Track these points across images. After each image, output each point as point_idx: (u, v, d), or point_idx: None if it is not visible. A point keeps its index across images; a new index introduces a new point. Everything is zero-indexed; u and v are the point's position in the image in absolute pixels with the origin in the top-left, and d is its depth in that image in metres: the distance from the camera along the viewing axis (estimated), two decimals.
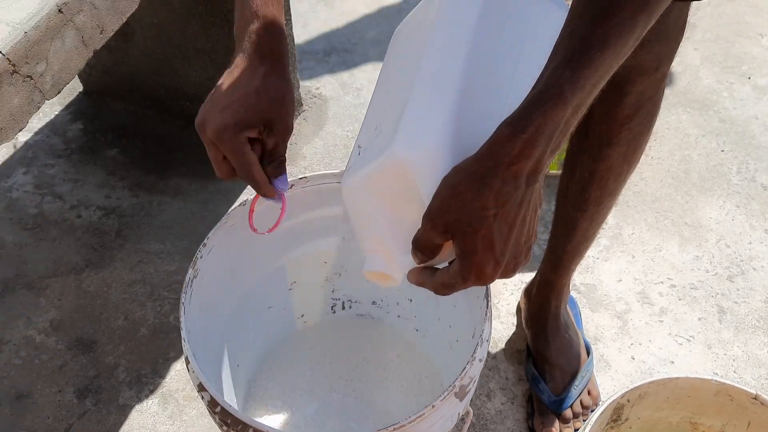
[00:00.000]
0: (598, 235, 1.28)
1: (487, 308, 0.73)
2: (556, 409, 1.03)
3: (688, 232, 1.30)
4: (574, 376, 1.05)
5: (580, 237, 1.00)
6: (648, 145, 1.41)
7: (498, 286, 1.22)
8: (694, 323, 1.17)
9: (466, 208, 0.48)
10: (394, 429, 0.65)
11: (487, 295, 0.74)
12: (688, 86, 1.54)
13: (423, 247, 0.52)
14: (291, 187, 0.85)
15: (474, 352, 0.70)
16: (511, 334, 1.16)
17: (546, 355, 1.06)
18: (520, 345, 1.14)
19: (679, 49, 0.85)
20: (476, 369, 0.71)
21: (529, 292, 1.12)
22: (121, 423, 1.06)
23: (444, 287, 0.52)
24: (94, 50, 0.69)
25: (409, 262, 0.55)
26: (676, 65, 1.53)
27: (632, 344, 1.15)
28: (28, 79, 0.63)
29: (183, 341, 0.71)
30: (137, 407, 1.07)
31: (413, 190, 0.51)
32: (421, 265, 0.55)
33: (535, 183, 0.49)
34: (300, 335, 1.08)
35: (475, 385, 0.73)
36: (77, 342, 1.14)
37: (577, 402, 1.04)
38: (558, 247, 1.03)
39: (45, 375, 1.10)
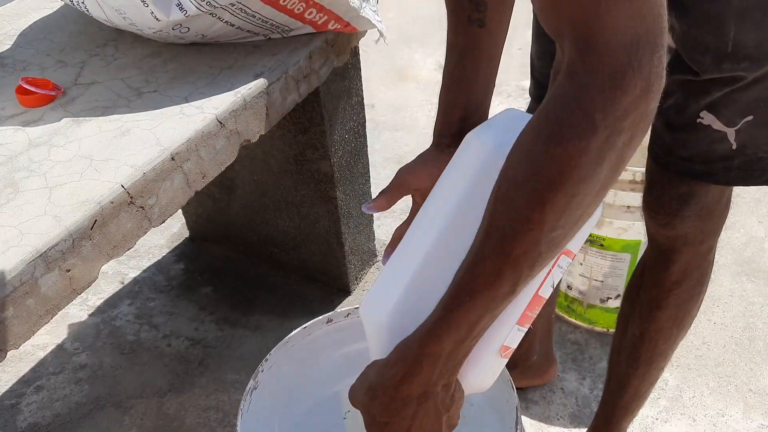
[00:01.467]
0: (658, 396, 1.29)
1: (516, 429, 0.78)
2: None
3: (753, 399, 1.27)
4: None
5: (632, 394, 1.03)
6: (711, 310, 1.44)
7: None
8: None
9: (364, 409, 0.57)
10: None
11: (517, 423, 0.79)
12: (753, 257, 1.56)
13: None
14: (348, 315, 0.95)
15: None
16: None
17: None
18: None
19: (745, 221, 0.91)
20: None
21: None
22: None
23: None
24: (196, 191, 0.86)
25: None
26: (741, 236, 1.58)
27: None
28: (141, 209, 0.79)
29: None
30: None
31: None
32: None
33: (428, 400, 0.54)
34: None
35: None
36: None
37: None
38: (610, 402, 1.06)
39: None
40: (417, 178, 0.70)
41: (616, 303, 1.35)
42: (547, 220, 0.45)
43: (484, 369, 0.62)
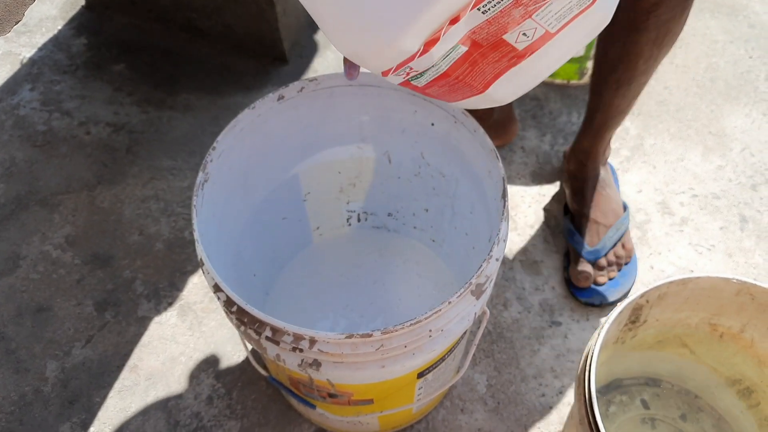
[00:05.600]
0: (619, 146, 1.26)
1: (504, 207, 0.71)
2: (591, 259, 1.06)
3: (712, 141, 1.26)
4: (608, 228, 1.08)
5: (614, 111, 1.01)
6: (673, 52, 1.37)
7: (516, 199, 1.20)
8: (715, 232, 1.15)
9: None
10: (411, 324, 0.64)
11: (504, 195, 0.72)
12: None
13: None
14: (301, 90, 0.82)
15: (491, 251, 0.68)
16: (528, 245, 1.15)
17: (583, 211, 1.10)
18: (537, 256, 1.13)
19: None
20: (492, 267, 0.70)
21: (568, 154, 1.16)
22: (141, 334, 1.07)
23: None
24: None
25: None
26: None
27: (651, 254, 1.13)
28: None
29: (196, 243, 0.70)
30: (156, 319, 1.08)
31: None
32: None
33: None
34: (316, 247, 1.08)
35: (491, 284, 0.72)
36: (93, 257, 1.14)
37: (611, 252, 1.08)
38: (593, 117, 1.05)
39: (63, 289, 1.11)
40: None
41: (580, 51, 1.25)
42: None
43: None
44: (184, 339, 1.06)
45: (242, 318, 0.68)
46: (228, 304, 0.68)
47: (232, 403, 1.00)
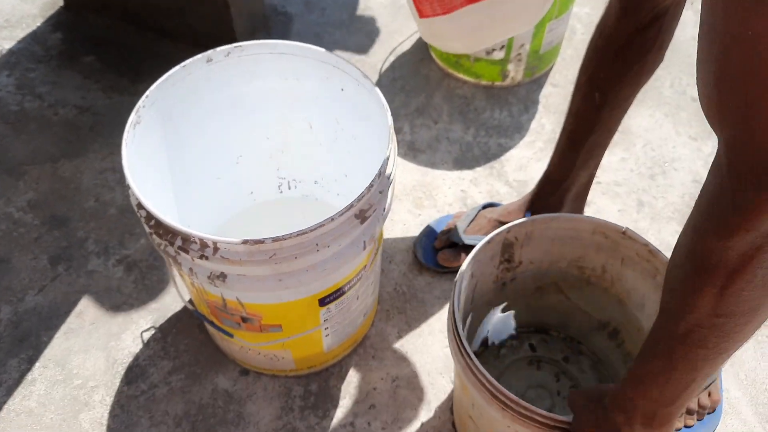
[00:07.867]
0: (534, 139, 1.39)
1: (389, 147, 0.84)
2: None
3: (618, 137, 1.40)
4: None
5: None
6: None
7: (438, 181, 1.33)
8: (613, 214, 1.28)
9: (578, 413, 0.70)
10: (298, 235, 0.76)
11: (390, 138, 0.85)
12: None
13: None
14: (228, 54, 0.95)
15: (372, 182, 0.81)
16: None
17: None
18: None
19: None
20: (374, 197, 0.82)
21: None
22: (89, 285, 1.18)
23: None
24: None
25: None
26: None
27: None
28: None
29: (124, 168, 0.82)
30: (104, 273, 1.19)
31: None
32: None
33: None
34: (251, 211, 1.19)
35: (378, 216, 0.83)
36: (51, 218, 1.26)
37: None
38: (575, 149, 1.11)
39: (22, 245, 1.22)
40: None
41: (500, 54, 1.40)
42: (701, 305, 0.49)
43: None
44: (128, 291, 1.17)
45: (159, 230, 0.80)
46: (148, 219, 0.80)
47: (167, 345, 1.11)
